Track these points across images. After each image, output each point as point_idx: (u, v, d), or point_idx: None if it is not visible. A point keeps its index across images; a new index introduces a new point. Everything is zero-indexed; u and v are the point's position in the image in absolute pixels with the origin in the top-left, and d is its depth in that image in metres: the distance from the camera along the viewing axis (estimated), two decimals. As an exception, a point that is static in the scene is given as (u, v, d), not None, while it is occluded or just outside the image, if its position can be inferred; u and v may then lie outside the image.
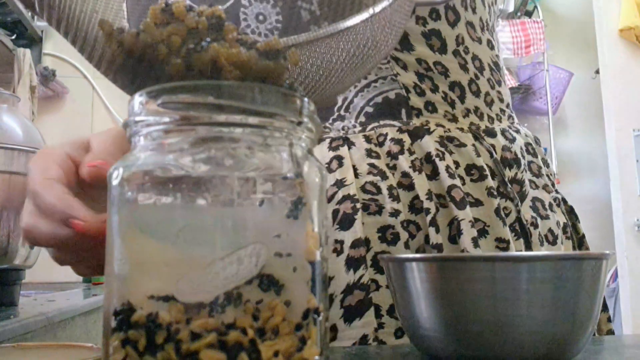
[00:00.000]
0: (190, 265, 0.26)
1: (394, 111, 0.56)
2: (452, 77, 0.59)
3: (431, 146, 0.55)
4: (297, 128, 0.29)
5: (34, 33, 2.55)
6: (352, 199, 0.54)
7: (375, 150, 0.55)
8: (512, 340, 0.35)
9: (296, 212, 0.28)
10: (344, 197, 0.54)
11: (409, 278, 0.38)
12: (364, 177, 0.55)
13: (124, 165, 0.28)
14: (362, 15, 0.37)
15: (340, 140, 0.56)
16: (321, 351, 0.28)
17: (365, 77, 0.56)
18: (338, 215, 0.54)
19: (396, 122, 0.56)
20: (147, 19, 0.33)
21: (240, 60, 0.32)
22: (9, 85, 2.32)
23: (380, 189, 0.54)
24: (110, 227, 0.28)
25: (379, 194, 0.54)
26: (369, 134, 0.56)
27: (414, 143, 0.55)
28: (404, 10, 0.41)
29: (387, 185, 0.54)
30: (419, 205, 0.53)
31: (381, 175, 0.54)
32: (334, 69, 0.38)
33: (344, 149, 0.56)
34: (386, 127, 0.56)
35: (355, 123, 0.57)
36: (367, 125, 0.56)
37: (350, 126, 0.57)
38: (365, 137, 0.56)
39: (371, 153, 0.55)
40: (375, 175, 0.54)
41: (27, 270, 1.16)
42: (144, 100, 0.28)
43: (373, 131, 0.56)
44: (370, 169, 0.54)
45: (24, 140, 1.10)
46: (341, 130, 0.57)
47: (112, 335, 0.27)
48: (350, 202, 0.53)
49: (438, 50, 0.58)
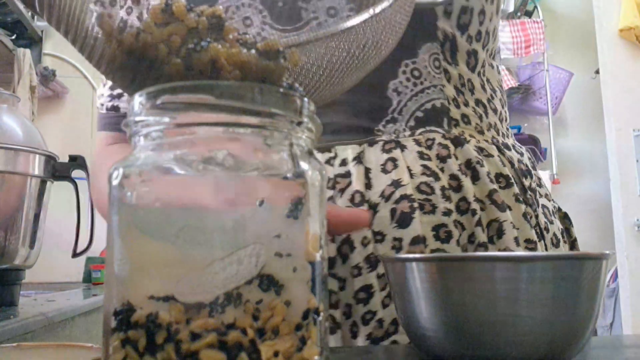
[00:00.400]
0: (190, 265, 0.27)
1: (439, 119, 0.61)
2: (476, 94, 0.65)
3: (472, 153, 0.60)
4: (297, 128, 0.29)
5: (34, 33, 2.55)
6: (409, 199, 0.56)
7: (426, 152, 0.59)
8: (512, 340, 0.35)
9: (296, 212, 0.28)
10: (401, 196, 0.57)
11: (409, 278, 0.38)
12: (418, 177, 0.58)
13: (124, 165, 0.28)
14: (362, 16, 0.37)
15: (392, 144, 0.59)
16: (321, 351, 0.28)
17: (422, 82, 0.60)
18: (396, 214, 0.56)
19: (440, 129, 0.60)
20: (147, 18, 0.33)
21: (240, 60, 0.32)
22: (9, 85, 2.32)
23: (433, 189, 0.57)
24: (111, 227, 0.28)
25: (432, 194, 0.57)
26: (418, 138, 0.59)
27: (457, 149, 0.60)
28: (405, 10, 0.41)
29: (439, 186, 0.57)
30: (464, 207, 0.57)
31: (434, 176, 0.58)
32: (334, 69, 0.38)
33: (397, 152, 0.59)
34: (432, 132, 0.60)
35: (405, 127, 0.60)
36: (416, 130, 0.60)
37: (401, 130, 0.60)
38: (415, 141, 0.59)
39: (423, 155, 0.58)
40: (429, 176, 0.58)
41: (27, 270, 1.16)
42: (144, 100, 0.28)
43: (422, 136, 0.60)
44: (424, 170, 0.58)
45: (23, 140, 1.10)
46: (392, 134, 0.60)
47: (112, 335, 0.27)
48: (408, 202, 0.56)
49: (471, 69, 0.64)
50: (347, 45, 0.38)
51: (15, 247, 1.08)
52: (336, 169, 0.59)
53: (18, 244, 1.08)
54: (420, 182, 0.57)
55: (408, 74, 0.60)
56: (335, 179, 0.58)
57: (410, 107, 0.60)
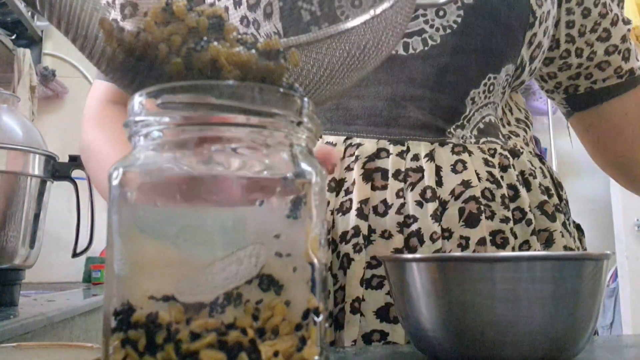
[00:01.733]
0: (190, 265, 0.27)
1: (495, 132, 0.65)
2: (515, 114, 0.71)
3: (526, 165, 0.64)
4: (297, 128, 0.29)
5: (34, 33, 2.55)
6: (476, 200, 0.58)
7: (491, 160, 0.61)
8: (512, 340, 0.35)
9: (296, 212, 0.28)
10: (469, 197, 0.59)
11: (409, 278, 0.38)
12: (483, 182, 0.60)
13: (124, 165, 0.28)
14: (363, 17, 0.37)
15: (460, 147, 0.62)
16: (321, 351, 0.28)
17: (489, 97, 0.64)
18: (464, 213, 0.58)
19: (498, 141, 0.64)
20: (147, 18, 0.33)
21: (241, 60, 0.32)
22: (9, 85, 2.32)
23: (494, 196, 0.59)
24: (111, 227, 0.28)
25: (493, 200, 0.59)
26: (482, 146, 0.62)
27: (514, 159, 0.63)
28: (405, 11, 0.41)
29: (500, 194, 0.60)
30: (517, 217, 0.60)
31: (496, 183, 0.60)
32: (334, 70, 0.38)
33: (465, 155, 0.61)
34: (493, 143, 0.64)
35: (470, 134, 0.63)
36: (480, 139, 0.63)
37: (468, 136, 0.63)
38: (480, 149, 0.62)
39: (488, 162, 0.61)
40: (492, 183, 0.60)
41: (27, 270, 1.16)
42: (144, 100, 0.28)
43: (485, 145, 0.63)
44: (488, 176, 0.60)
45: (23, 140, 1.10)
46: (460, 139, 0.63)
47: (112, 335, 0.27)
48: (476, 203, 0.58)
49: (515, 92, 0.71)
50: (348, 46, 0.38)
51: (15, 247, 1.08)
52: (408, 162, 0.60)
53: (18, 244, 1.08)
54: (485, 188, 0.60)
55: (487, 87, 0.63)
56: (407, 172, 0.59)
57: (476, 117, 0.63)
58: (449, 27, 0.60)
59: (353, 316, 0.53)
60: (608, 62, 0.74)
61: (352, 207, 0.57)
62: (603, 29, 0.72)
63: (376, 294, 0.55)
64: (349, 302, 0.54)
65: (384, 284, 0.55)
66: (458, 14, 0.60)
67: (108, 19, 0.33)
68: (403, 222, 0.57)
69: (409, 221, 0.57)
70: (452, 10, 0.60)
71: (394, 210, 0.57)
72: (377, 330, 0.54)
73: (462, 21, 0.60)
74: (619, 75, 0.74)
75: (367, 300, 0.54)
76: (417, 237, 0.57)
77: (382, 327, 0.54)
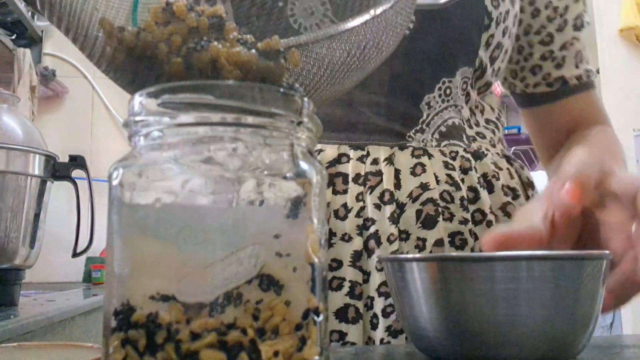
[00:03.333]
0: (190, 265, 0.27)
1: (458, 135, 0.65)
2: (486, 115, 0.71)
3: (489, 167, 0.64)
4: (297, 128, 0.29)
5: (34, 33, 2.55)
6: (434, 202, 0.60)
7: (451, 163, 0.62)
8: (512, 340, 0.35)
9: (296, 212, 0.28)
10: (427, 199, 0.60)
11: (409, 278, 0.38)
12: (442, 185, 0.61)
13: (124, 165, 0.28)
14: (363, 17, 0.37)
15: (421, 151, 0.62)
16: (321, 351, 0.28)
17: (448, 100, 0.64)
18: (422, 215, 0.59)
19: (461, 143, 0.65)
20: (147, 18, 0.33)
21: (241, 60, 0.32)
22: (9, 85, 2.32)
23: (453, 199, 0.60)
24: (111, 227, 0.28)
25: (452, 202, 0.60)
26: (443, 149, 0.63)
27: (477, 162, 0.64)
28: (406, 12, 0.41)
29: (459, 196, 0.60)
30: (478, 218, 0.61)
31: (455, 186, 0.61)
32: (334, 70, 0.38)
33: (425, 158, 0.62)
34: (455, 145, 0.64)
35: (432, 138, 0.64)
36: (441, 142, 0.64)
37: (428, 140, 0.64)
38: (441, 152, 0.63)
39: (448, 165, 0.62)
40: (451, 185, 0.61)
41: (27, 270, 1.16)
42: (144, 100, 0.28)
43: (446, 147, 0.63)
44: (447, 178, 0.61)
45: (23, 140, 1.10)
46: (421, 142, 0.63)
47: (112, 335, 0.27)
48: (433, 205, 0.59)
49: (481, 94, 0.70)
50: (348, 46, 0.38)
51: (15, 247, 1.08)
52: (368, 166, 0.61)
53: (18, 243, 1.08)
54: (444, 190, 0.61)
55: (442, 91, 0.63)
56: (367, 176, 0.60)
57: (436, 121, 0.64)
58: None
59: None
60: (540, 67, 0.74)
61: None
62: (547, 33, 0.72)
63: (335, 296, 0.56)
64: None
65: (343, 285, 0.57)
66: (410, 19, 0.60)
67: (108, 19, 0.33)
68: (362, 224, 0.59)
69: (367, 224, 0.59)
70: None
71: (354, 213, 0.59)
72: (335, 330, 0.56)
73: (414, 26, 0.61)
74: (547, 82, 0.74)
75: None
76: (375, 239, 0.58)
77: (340, 328, 0.56)
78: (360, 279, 0.58)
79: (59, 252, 2.20)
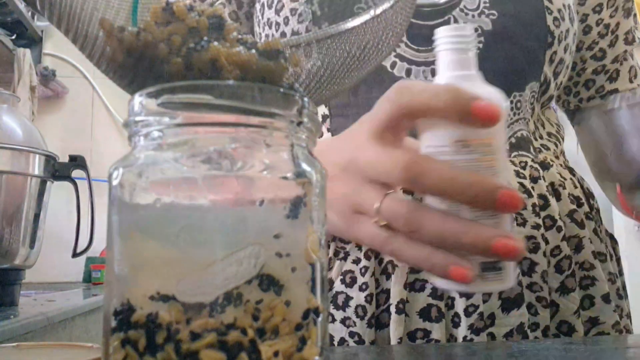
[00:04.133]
0: (190, 265, 0.26)
1: (526, 146, 0.67)
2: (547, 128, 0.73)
3: (556, 177, 0.67)
4: (297, 128, 0.29)
5: (34, 33, 2.55)
6: None
7: (522, 172, 0.64)
8: None
9: (296, 212, 0.28)
10: None
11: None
12: None
13: (124, 165, 0.28)
14: (363, 17, 0.37)
15: None
16: (321, 351, 0.28)
17: (518, 114, 0.67)
18: None
19: (529, 154, 0.67)
20: (147, 18, 0.33)
21: (241, 60, 0.32)
22: (9, 85, 2.32)
23: (526, 205, 0.62)
24: (111, 227, 0.28)
25: (524, 209, 0.62)
26: (513, 160, 0.65)
27: (544, 172, 0.67)
28: (406, 12, 0.41)
29: (531, 203, 0.63)
30: (548, 224, 0.64)
31: (527, 193, 0.63)
32: (334, 70, 0.38)
33: None
34: (524, 156, 0.67)
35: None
36: (511, 153, 0.66)
37: None
38: (512, 162, 0.65)
39: (519, 174, 0.64)
40: (523, 193, 0.63)
41: (27, 270, 1.16)
42: (144, 100, 0.28)
43: (516, 158, 0.66)
44: (519, 187, 0.64)
45: (23, 140, 1.10)
46: None
47: (112, 335, 0.27)
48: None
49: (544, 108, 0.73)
50: (348, 46, 0.38)
51: (16, 247, 1.08)
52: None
53: (18, 244, 1.08)
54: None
55: (513, 104, 0.66)
56: None
57: (508, 132, 0.66)
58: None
59: (398, 316, 0.57)
60: (593, 81, 0.77)
61: None
62: (599, 48, 0.76)
63: (419, 296, 0.59)
64: (394, 303, 0.58)
65: (425, 287, 0.59)
66: (479, 40, 0.63)
67: (108, 19, 0.33)
68: None
69: None
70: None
71: None
72: (420, 328, 0.58)
73: (483, 47, 0.64)
74: (601, 95, 0.77)
75: (410, 301, 0.58)
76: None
77: (425, 326, 0.58)
78: None
79: (59, 252, 2.20)
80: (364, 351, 0.48)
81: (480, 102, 0.36)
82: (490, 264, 0.39)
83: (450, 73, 0.40)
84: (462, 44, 0.40)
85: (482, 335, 0.58)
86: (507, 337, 0.57)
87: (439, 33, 0.40)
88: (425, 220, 0.39)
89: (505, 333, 0.58)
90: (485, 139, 0.37)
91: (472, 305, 0.58)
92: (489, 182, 0.37)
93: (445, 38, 0.40)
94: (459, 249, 0.38)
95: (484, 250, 0.37)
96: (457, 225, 0.38)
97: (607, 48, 0.76)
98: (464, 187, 0.37)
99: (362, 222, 0.44)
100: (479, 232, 0.37)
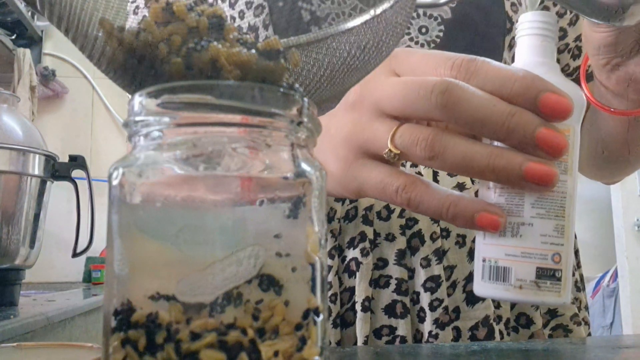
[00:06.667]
0: (190, 265, 0.27)
1: None
2: None
3: None
4: (297, 128, 0.29)
5: (34, 33, 2.55)
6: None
7: None
8: None
9: (296, 212, 0.28)
10: None
11: None
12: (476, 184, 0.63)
13: (124, 165, 0.28)
14: (363, 17, 0.37)
15: None
16: (321, 351, 0.28)
17: None
18: None
19: None
20: (147, 18, 0.33)
21: (241, 60, 0.31)
22: (9, 85, 2.32)
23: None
24: (111, 227, 0.28)
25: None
26: None
27: None
28: (406, 12, 0.41)
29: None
30: None
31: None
32: (335, 70, 0.38)
33: None
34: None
35: None
36: None
37: None
38: None
39: None
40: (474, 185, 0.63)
41: (27, 270, 1.16)
42: (143, 100, 0.28)
43: None
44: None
45: (23, 140, 1.10)
46: None
47: (112, 335, 0.27)
48: None
49: None
50: (348, 46, 0.38)
51: (16, 247, 1.08)
52: (407, 169, 0.63)
53: (18, 244, 1.08)
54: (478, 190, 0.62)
55: None
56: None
57: None
58: (432, 41, 0.65)
59: (364, 314, 0.57)
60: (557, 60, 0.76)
61: (358, 214, 0.61)
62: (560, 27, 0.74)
63: (383, 293, 0.59)
64: (359, 301, 0.57)
65: (389, 283, 0.59)
66: (440, 29, 0.64)
67: (108, 19, 0.33)
68: (405, 224, 0.61)
69: (410, 223, 0.61)
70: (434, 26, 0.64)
71: (396, 214, 0.61)
72: (385, 325, 0.58)
73: (444, 35, 0.64)
74: (567, 73, 0.76)
75: (375, 298, 0.58)
76: (419, 238, 0.61)
77: (390, 322, 0.58)
78: (405, 276, 0.60)
79: (59, 252, 2.20)
80: (364, 351, 0.48)
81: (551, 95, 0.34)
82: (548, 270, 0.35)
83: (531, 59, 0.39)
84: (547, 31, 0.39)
85: (447, 330, 0.57)
86: (472, 330, 0.57)
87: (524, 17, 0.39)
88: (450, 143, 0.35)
89: (471, 326, 0.58)
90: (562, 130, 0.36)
91: (437, 299, 0.58)
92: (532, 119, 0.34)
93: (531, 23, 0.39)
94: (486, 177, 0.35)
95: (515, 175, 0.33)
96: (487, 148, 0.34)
97: (567, 27, 0.74)
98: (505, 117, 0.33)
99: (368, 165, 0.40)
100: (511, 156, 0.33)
